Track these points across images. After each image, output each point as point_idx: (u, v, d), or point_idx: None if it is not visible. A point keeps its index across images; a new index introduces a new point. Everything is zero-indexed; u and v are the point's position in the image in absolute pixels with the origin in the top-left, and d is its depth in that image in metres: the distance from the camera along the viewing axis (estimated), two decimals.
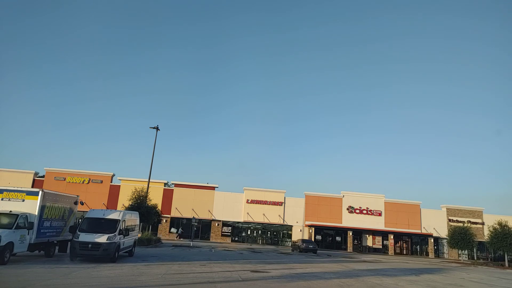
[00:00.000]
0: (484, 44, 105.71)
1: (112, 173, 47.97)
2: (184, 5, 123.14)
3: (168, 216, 46.62)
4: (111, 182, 47.88)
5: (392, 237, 47.51)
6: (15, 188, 16.29)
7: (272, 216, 48.41)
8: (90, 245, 15.86)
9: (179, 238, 44.97)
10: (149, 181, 37.17)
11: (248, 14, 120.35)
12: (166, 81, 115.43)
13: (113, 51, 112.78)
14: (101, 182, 47.36)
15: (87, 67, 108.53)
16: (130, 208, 30.21)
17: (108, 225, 16.99)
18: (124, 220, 18.16)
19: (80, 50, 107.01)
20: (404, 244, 49.47)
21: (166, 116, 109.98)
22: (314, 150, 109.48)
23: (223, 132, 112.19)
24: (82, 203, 23.09)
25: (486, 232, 41.70)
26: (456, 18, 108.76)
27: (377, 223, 48.92)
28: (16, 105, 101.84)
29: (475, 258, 46.92)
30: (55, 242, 17.83)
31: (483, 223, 49.78)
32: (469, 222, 49.17)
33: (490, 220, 43.03)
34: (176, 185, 49.05)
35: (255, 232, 49.05)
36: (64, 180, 46.71)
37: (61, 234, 18.09)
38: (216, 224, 47.75)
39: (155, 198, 42.84)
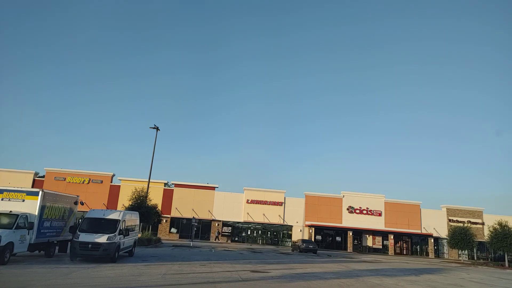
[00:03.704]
0: (483, 46, 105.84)
1: (112, 173, 47.98)
2: (184, 8, 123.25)
3: (168, 216, 46.61)
4: (111, 182, 47.89)
5: (392, 237, 47.50)
6: (15, 188, 16.28)
7: (272, 216, 48.40)
8: (90, 245, 15.84)
9: (218, 240, 46.56)
10: (149, 181, 37.16)
11: (248, 17, 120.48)
12: (166, 84, 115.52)
13: (114, 54, 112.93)
14: (101, 182, 47.37)
15: (88, 70, 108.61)
16: (130, 208, 30.20)
17: (108, 225, 16.97)
18: (124, 220, 18.14)
19: (81, 53, 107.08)
20: (404, 244, 49.46)
21: (166, 118, 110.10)
22: (314, 151, 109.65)
23: (223, 134, 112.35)
24: (82, 203, 23.03)
25: (486, 232, 41.69)
26: (455, 20, 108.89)
27: (377, 223, 48.90)
28: (17, 107, 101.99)
29: (475, 258, 46.93)
30: (55, 242, 17.82)
31: (483, 223, 49.77)
32: (469, 222, 49.15)
33: (490, 220, 43.02)
34: (176, 185, 49.05)
35: (255, 232, 49.05)
36: (64, 180, 46.71)
37: (61, 234, 18.08)
38: (216, 224, 47.74)
39: (155, 198, 42.85)
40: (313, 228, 47.06)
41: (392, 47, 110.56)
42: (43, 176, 47.77)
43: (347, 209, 49.51)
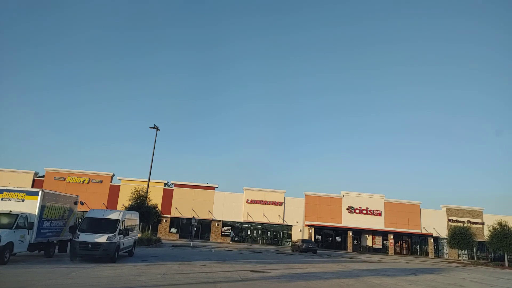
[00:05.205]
0: (483, 46, 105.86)
1: (112, 173, 47.96)
2: (184, 8, 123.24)
3: (168, 216, 46.61)
4: (111, 182, 47.86)
5: (392, 237, 47.49)
6: (15, 188, 16.27)
7: (272, 216, 48.40)
8: (90, 245, 15.85)
9: (232, 242, 46.89)
10: (149, 181, 37.15)
11: (248, 17, 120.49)
12: (166, 84, 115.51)
13: (114, 54, 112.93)
14: (101, 182, 47.35)
15: (88, 70, 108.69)
16: (130, 208, 30.19)
17: (108, 225, 16.98)
18: (124, 220, 18.15)
19: (81, 53, 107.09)
20: (404, 244, 49.45)
21: (166, 118, 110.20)
22: (314, 151, 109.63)
23: (223, 134, 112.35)
24: (82, 203, 23.06)
25: (486, 232, 41.67)
26: (455, 20, 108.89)
27: (377, 223, 48.90)
28: (17, 107, 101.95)
29: (475, 258, 46.90)
30: (55, 242, 17.82)
31: (483, 223, 49.76)
32: (469, 222, 49.14)
33: (490, 220, 43.01)
34: (176, 185, 49.04)
35: (255, 232, 49.05)
36: (64, 180, 46.69)
37: (61, 234, 18.08)
38: (216, 224, 47.74)
39: (155, 198, 42.83)
40: (313, 228, 47.05)
41: (392, 47, 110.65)
42: (43, 176, 47.75)
43: (347, 209, 49.50)
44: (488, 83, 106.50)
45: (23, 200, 15.80)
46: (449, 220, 49.96)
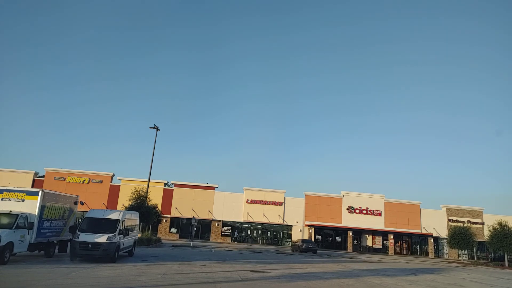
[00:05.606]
0: (483, 46, 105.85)
1: (112, 173, 47.96)
2: (184, 8, 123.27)
3: (168, 216, 46.61)
4: (111, 182, 47.86)
5: (392, 237, 47.49)
6: (15, 188, 16.27)
7: (272, 216, 48.40)
8: (90, 245, 15.85)
9: (235, 242, 46.92)
10: (149, 181, 37.15)
11: (248, 17, 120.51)
12: (166, 84, 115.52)
13: (114, 54, 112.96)
14: (101, 182, 47.35)
15: (88, 70, 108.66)
16: (130, 208, 30.19)
17: (108, 225, 16.98)
18: (124, 220, 18.15)
19: (81, 53, 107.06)
20: (404, 244, 49.46)
21: (166, 118, 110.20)
22: (314, 151, 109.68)
23: (223, 134, 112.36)
24: (82, 203, 23.07)
25: (486, 232, 41.68)
26: (455, 20, 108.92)
27: (377, 223, 48.90)
28: (17, 107, 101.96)
29: (475, 258, 46.90)
30: (55, 242, 17.82)
31: (483, 223, 49.77)
32: (469, 222, 49.15)
33: (490, 220, 43.01)
34: (176, 185, 49.04)
35: (255, 232, 49.05)
36: (64, 180, 46.69)
37: (61, 234, 18.08)
38: (216, 224, 47.74)
39: (155, 198, 42.83)
40: (313, 228, 47.05)
41: (392, 47, 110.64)
42: (43, 176, 47.74)
43: (347, 209, 49.50)
44: (488, 83, 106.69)
45: (23, 200, 15.80)
46: (449, 220, 49.96)
